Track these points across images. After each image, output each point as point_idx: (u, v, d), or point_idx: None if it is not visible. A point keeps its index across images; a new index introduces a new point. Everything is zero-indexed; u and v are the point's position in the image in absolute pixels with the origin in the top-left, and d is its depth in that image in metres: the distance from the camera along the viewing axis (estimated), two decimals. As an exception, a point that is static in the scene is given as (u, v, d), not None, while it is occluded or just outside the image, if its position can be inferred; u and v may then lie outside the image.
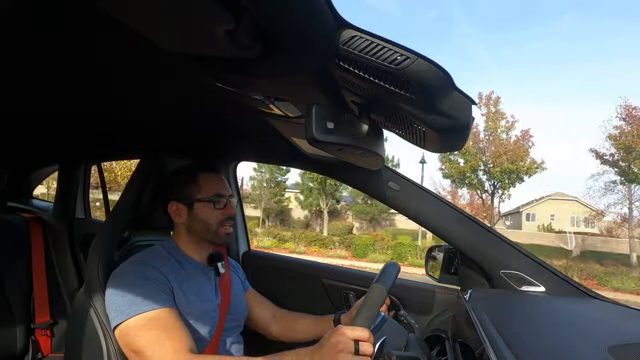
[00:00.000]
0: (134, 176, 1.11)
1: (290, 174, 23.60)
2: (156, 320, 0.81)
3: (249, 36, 0.50)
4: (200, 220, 0.99)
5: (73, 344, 0.95)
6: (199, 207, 0.99)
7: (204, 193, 0.99)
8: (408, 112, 0.58)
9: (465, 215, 1.04)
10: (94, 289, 0.91)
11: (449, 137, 0.63)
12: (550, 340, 0.60)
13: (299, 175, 20.98)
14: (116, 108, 1.11)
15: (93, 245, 0.96)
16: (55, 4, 0.55)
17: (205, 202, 0.99)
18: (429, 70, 0.49)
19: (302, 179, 20.92)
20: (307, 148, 1.04)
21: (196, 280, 0.97)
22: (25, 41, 0.68)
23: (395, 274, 0.84)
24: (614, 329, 0.70)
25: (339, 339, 0.69)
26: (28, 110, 1.22)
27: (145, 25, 0.50)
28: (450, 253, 1.16)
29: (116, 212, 1.05)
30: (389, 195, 1.08)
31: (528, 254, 0.98)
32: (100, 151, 1.84)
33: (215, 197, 0.99)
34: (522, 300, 0.90)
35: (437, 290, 1.18)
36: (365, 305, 0.76)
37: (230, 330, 1.03)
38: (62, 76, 0.88)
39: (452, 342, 0.91)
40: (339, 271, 1.41)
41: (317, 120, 0.61)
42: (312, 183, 20.28)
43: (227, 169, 1.50)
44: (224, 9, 0.45)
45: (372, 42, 0.49)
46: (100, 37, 0.65)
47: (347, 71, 0.54)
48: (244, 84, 0.69)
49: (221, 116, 1.10)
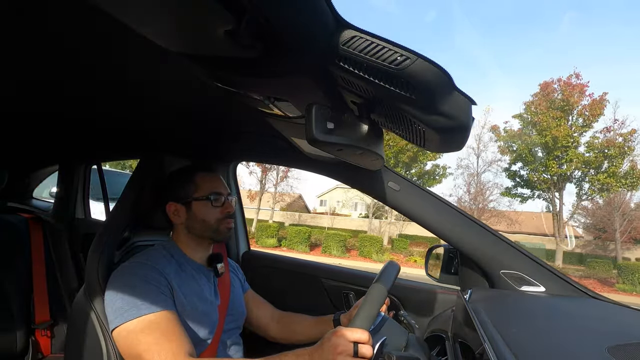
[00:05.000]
0: (134, 176, 1.11)
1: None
2: (155, 324, 0.80)
3: (249, 36, 0.50)
4: (198, 219, 0.99)
5: (73, 344, 0.95)
6: (197, 206, 0.99)
7: (201, 192, 0.99)
8: (408, 112, 0.58)
9: (465, 215, 1.04)
10: (93, 290, 0.91)
11: (449, 137, 0.63)
12: (550, 340, 0.60)
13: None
14: (116, 108, 1.11)
15: (93, 245, 0.96)
16: (55, 4, 0.55)
17: (202, 201, 0.99)
18: (429, 71, 0.49)
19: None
20: (307, 148, 1.04)
21: (196, 281, 0.97)
22: (25, 41, 0.68)
23: (395, 274, 0.84)
24: (614, 329, 0.70)
25: (338, 341, 0.69)
26: (28, 111, 1.22)
27: (145, 26, 0.50)
28: (450, 253, 1.16)
29: (116, 212, 1.05)
30: (389, 195, 1.08)
31: (528, 254, 0.98)
32: (100, 151, 1.84)
33: (212, 195, 0.99)
34: (522, 300, 0.90)
35: (437, 290, 1.18)
36: (365, 305, 0.76)
37: (230, 331, 1.03)
38: (62, 76, 0.88)
39: (452, 342, 0.91)
40: (339, 271, 1.41)
41: (317, 120, 0.61)
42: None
43: (227, 169, 1.50)
44: (225, 9, 0.45)
45: (372, 42, 0.49)
46: (101, 38, 0.65)
47: (347, 71, 0.54)
48: (244, 84, 0.69)
49: (221, 116, 1.10)
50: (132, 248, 1.07)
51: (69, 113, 1.22)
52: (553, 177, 15.67)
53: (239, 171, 1.22)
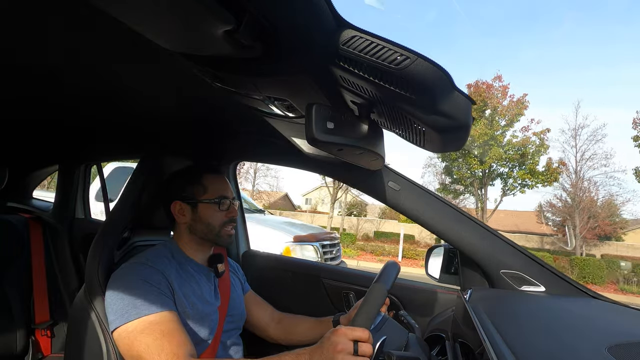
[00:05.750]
0: (134, 176, 1.11)
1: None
2: (155, 325, 0.80)
3: (249, 36, 0.50)
4: (203, 221, 0.99)
5: (73, 344, 0.95)
6: (203, 207, 0.99)
7: (209, 194, 1.00)
8: (408, 112, 0.58)
9: (465, 215, 1.04)
10: (93, 290, 0.91)
11: (448, 137, 0.63)
12: (550, 340, 0.60)
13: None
14: (116, 108, 1.11)
15: (93, 245, 0.96)
16: (55, 4, 0.55)
17: (209, 204, 0.99)
18: (429, 70, 0.49)
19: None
20: (307, 148, 1.04)
21: (196, 281, 0.97)
22: (25, 41, 0.68)
23: (395, 273, 0.84)
24: (614, 329, 0.70)
25: (338, 339, 0.69)
26: (28, 111, 1.22)
27: (145, 26, 0.50)
28: (450, 253, 1.16)
29: (116, 212, 1.05)
30: (389, 195, 1.08)
31: (528, 254, 0.98)
32: (100, 151, 1.84)
33: (219, 198, 1.00)
34: (522, 300, 0.90)
35: (437, 290, 1.18)
36: (365, 305, 0.75)
37: (230, 331, 1.03)
38: (62, 77, 0.88)
39: (452, 342, 0.91)
40: (339, 271, 1.41)
41: (317, 120, 0.61)
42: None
43: (227, 169, 1.50)
44: (225, 10, 0.45)
45: (372, 42, 0.49)
46: (100, 38, 0.65)
47: (347, 71, 0.54)
48: (244, 84, 0.69)
49: (221, 116, 1.10)
50: (132, 248, 1.07)
51: (69, 113, 1.21)
52: (476, 173, 16.29)
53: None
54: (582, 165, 16.34)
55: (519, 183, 15.64)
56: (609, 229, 17.70)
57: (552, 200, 18.14)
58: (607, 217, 17.38)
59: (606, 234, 17.86)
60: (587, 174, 16.51)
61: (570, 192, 16.70)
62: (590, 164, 16.28)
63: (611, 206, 17.37)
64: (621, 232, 18.75)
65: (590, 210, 16.38)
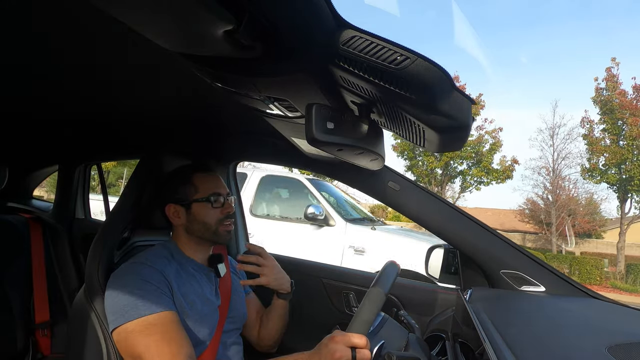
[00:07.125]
0: (133, 176, 1.11)
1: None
2: (155, 325, 0.80)
3: (249, 37, 0.50)
4: (198, 221, 0.99)
5: (73, 344, 0.95)
6: (197, 207, 0.99)
7: (200, 193, 0.99)
8: (408, 112, 0.58)
9: (465, 215, 1.04)
10: (93, 290, 0.91)
11: (449, 136, 0.63)
12: (550, 340, 0.60)
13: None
14: (116, 108, 1.11)
15: (93, 245, 0.96)
16: (55, 4, 0.55)
17: (202, 202, 0.98)
18: (428, 70, 0.49)
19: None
20: (307, 148, 1.04)
21: (197, 281, 0.97)
22: (25, 41, 0.68)
23: (395, 275, 0.84)
24: (614, 329, 0.70)
25: (335, 347, 0.69)
26: (28, 111, 1.22)
27: (145, 26, 0.50)
28: (450, 253, 1.16)
29: (116, 212, 1.05)
30: (389, 195, 1.08)
31: (528, 254, 0.98)
32: (100, 151, 1.84)
33: (211, 196, 0.99)
34: (522, 300, 0.90)
35: (437, 290, 1.18)
36: (363, 309, 0.74)
37: (230, 332, 1.02)
38: (62, 76, 0.88)
39: (452, 342, 0.91)
40: (339, 271, 1.41)
41: (317, 120, 0.61)
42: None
43: (227, 168, 1.50)
44: (225, 10, 0.45)
45: (372, 42, 0.49)
46: (100, 37, 0.65)
47: (347, 71, 0.54)
48: (244, 84, 0.69)
49: (220, 116, 1.10)
50: (132, 248, 1.07)
51: (69, 113, 1.21)
52: (434, 171, 16.40)
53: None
54: (559, 164, 16.66)
55: (475, 180, 15.87)
56: (587, 227, 17.90)
57: (534, 198, 18.32)
58: (586, 215, 17.60)
59: (584, 231, 18.06)
60: (564, 172, 16.82)
61: (549, 189, 16.96)
62: (566, 162, 16.62)
63: (590, 204, 17.61)
64: (600, 230, 18.85)
65: (568, 207, 16.58)
